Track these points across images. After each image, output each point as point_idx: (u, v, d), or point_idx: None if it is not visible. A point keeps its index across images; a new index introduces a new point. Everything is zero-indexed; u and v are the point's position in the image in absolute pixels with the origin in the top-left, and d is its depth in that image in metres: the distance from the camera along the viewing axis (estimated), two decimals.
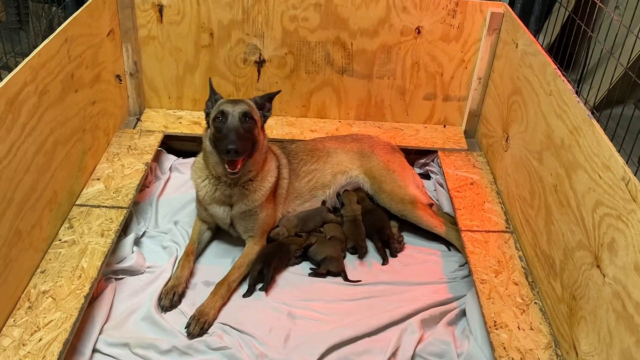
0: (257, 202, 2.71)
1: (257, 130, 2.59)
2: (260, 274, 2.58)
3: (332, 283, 2.68)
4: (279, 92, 2.76)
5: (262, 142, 2.66)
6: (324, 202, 3.10)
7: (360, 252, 2.84)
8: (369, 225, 2.93)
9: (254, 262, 2.61)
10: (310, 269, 2.74)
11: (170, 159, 3.50)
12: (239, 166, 2.48)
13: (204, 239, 2.85)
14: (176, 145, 3.63)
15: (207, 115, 2.60)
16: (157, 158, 3.41)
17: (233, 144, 2.37)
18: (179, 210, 3.11)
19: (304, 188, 3.04)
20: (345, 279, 2.69)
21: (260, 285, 2.59)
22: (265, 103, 2.71)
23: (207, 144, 2.58)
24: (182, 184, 3.27)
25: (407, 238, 3.03)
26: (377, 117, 3.71)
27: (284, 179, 2.93)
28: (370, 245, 2.91)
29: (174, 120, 3.58)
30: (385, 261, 2.80)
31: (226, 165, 2.48)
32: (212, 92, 2.65)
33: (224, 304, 2.49)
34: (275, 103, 3.62)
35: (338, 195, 3.11)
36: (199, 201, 2.80)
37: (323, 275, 2.69)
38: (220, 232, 2.92)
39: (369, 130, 3.62)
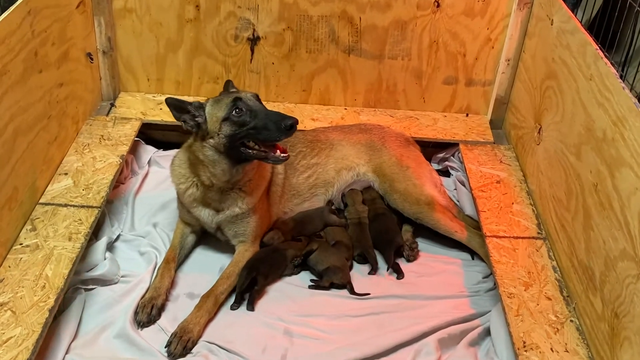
0: (252, 205, 2.72)
1: None
2: (252, 283, 2.58)
3: (335, 296, 2.67)
4: (229, 81, 2.77)
5: None
6: (330, 203, 3.09)
7: (372, 263, 2.83)
8: (375, 233, 2.91)
9: (242, 268, 2.62)
10: (311, 280, 2.73)
11: (149, 151, 3.50)
12: (287, 149, 2.49)
13: (187, 243, 2.85)
14: (156, 135, 3.62)
15: (199, 125, 2.53)
16: (134, 150, 3.41)
17: (288, 117, 2.37)
18: (158, 210, 3.11)
19: (303, 185, 3.04)
20: (352, 291, 2.69)
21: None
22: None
23: (207, 154, 2.55)
24: (163, 180, 3.26)
25: (423, 245, 3.03)
26: (388, 104, 3.70)
27: (279, 174, 2.93)
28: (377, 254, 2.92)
29: (154, 106, 3.57)
30: (400, 275, 2.80)
31: (276, 152, 2.45)
32: (182, 103, 2.54)
33: (210, 320, 2.48)
34: (271, 87, 3.68)
35: (344, 196, 3.11)
36: (181, 202, 2.81)
37: (326, 288, 2.69)
38: (206, 236, 2.91)
39: (379, 119, 3.62)
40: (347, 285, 2.70)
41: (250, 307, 2.55)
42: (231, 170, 2.58)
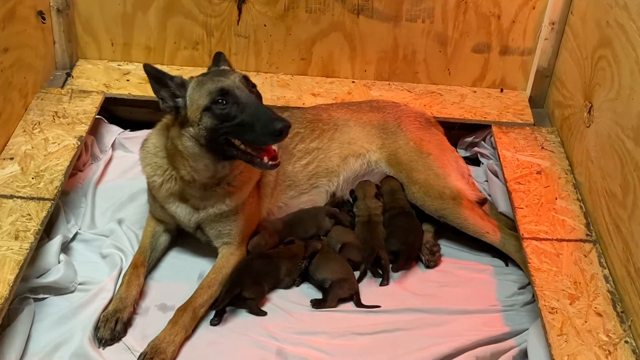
0: (240, 201, 2.72)
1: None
2: (237, 298, 2.58)
3: (339, 310, 2.67)
4: (220, 53, 2.75)
5: None
6: (333, 196, 3.08)
7: (383, 270, 2.82)
8: (396, 237, 2.88)
9: (223, 282, 2.61)
10: (312, 300, 2.68)
11: (113, 132, 3.49)
12: (279, 154, 2.50)
13: (159, 245, 2.85)
14: (122, 112, 3.60)
15: (178, 109, 2.54)
16: (94, 130, 3.39)
17: (279, 120, 2.37)
18: (124, 203, 3.10)
19: (301, 174, 3.04)
20: (359, 303, 2.69)
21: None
22: (230, 67, 2.73)
23: (187, 145, 2.55)
24: (130, 166, 3.25)
25: (446, 248, 3.02)
26: (406, 77, 3.69)
27: None
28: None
29: (119, 76, 3.56)
30: (383, 281, 2.77)
31: (264, 159, 2.47)
32: (162, 75, 2.53)
33: (187, 338, 2.48)
34: (262, 54, 3.66)
35: (352, 192, 3.11)
36: (153, 195, 2.80)
37: (332, 306, 2.67)
38: (182, 236, 2.91)
39: (394, 95, 3.60)
40: (353, 295, 2.70)
41: (217, 320, 2.55)
42: (215, 166, 2.58)
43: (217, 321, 2.56)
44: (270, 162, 2.48)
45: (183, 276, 2.78)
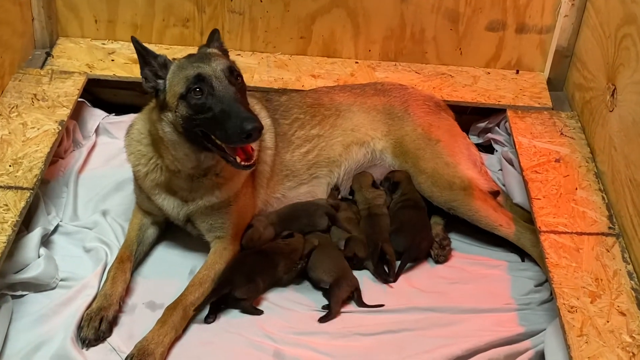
0: (232, 192, 2.72)
1: (246, 86, 2.60)
2: (229, 298, 2.57)
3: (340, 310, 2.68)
4: (215, 30, 2.74)
5: None
6: (335, 189, 3.08)
7: (388, 266, 2.83)
8: (402, 235, 2.89)
9: (214, 280, 2.60)
10: (320, 320, 2.61)
11: (96, 116, 3.49)
12: (255, 154, 2.50)
13: (147, 238, 2.86)
14: (106, 94, 3.60)
15: (158, 91, 2.55)
16: (77, 114, 3.40)
17: (250, 120, 2.35)
18: (109, 193, 3.10)
19: (299, 163, 3.04)
20: (360, 301, 2.68)
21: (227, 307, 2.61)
22: (223, 48, 2.71)
23: (166, 130, 2.56)
24: (115, 153, 3.25)
25: (457, 242, 3.02)
26: (414, 57, 3.69)
27: (268, 150, 2.93)
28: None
29: (103, 56, 3.56)
30: (389, 278, 2.77)
31: (236, 158, 2.47)
32: (146, 52, 2.55)
33: (177, 338, 2.48)
34: (258, 32, 3.65)
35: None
36: (139, 186, 2.80)
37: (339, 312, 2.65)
38: (171, 229, 2.91)
39: (401, 76, 3.60)
40: (353, 293, 2.69)
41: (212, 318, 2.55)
42: (197, 156, 2.58)
43: (212, 319, 2.56)
44: (243, 163, 2.48)
45: (173, 272, 2.77)
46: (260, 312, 2.61)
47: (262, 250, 2.74)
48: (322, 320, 2.61)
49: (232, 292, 2.57)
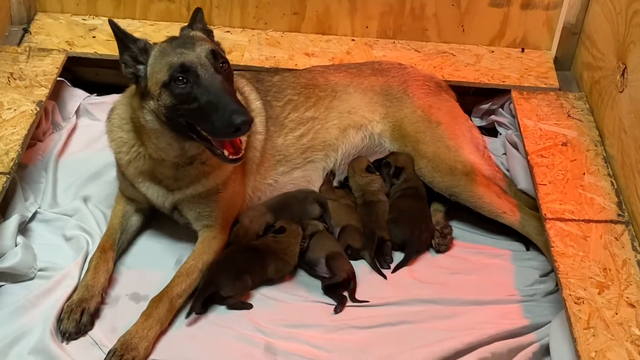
0: (220, 180, 2.72)
1: (232, 73, 2.58)
2: (215, 296, 2.57)
3: (335, 301, 2.68)
4: (198, 9, 2.71)
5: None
6: (332, 175, 3.08)
7: (386, 251, 2.85)
8: (400, 226, 2.89)
9: (204, 273, 2.60)
10: (336, 309, 2.62)
11: (77, 97, 3.49)
12: (243, 146, 2.49)
13: (130, 226, 2.86)
14: (87, 74, 3.59)
15: (138, 78, 2.53)
16: (56, 94, 3.39)
17: (240, 113, 2.33)
18: (90, 179, 3.10)
19: (293, 148, 3.04)
20: (352, 295, 2.68)
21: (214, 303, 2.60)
22: (207, 29, 2.69)
23: (147, 119, 2.54)
24: (97, 136, 3.24)
25: (459, 230, 3.03)
26: (413, 34, 3.69)
27: (258, 134, 2.93)
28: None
29: (84, 32, 3.55)
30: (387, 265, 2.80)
31: (224, 152, 2.46)
32: (125, 36, 2.52)
33: (162, 332, 2.49)
34: (248, 8, 3.62)
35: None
36: (123, 173, 2.79)
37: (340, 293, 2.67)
38: (157, 216, 2.91)
39: (400, 55, 3.60)
40: (350, 280, 2.68)
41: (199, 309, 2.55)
42: (181, 145, 2.57)
43: (199, 309, 2.55)
44: (230, 157, 2.46)
45: (158, 262, 2.78)
46: (249, 307, 2.61)
47: (253, 247, 2.73)
48: (337, 310, 2.62)
49: (217, 291, 2.57)
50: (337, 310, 2.63)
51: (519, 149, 3.27)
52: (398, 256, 2.88)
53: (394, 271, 2.82)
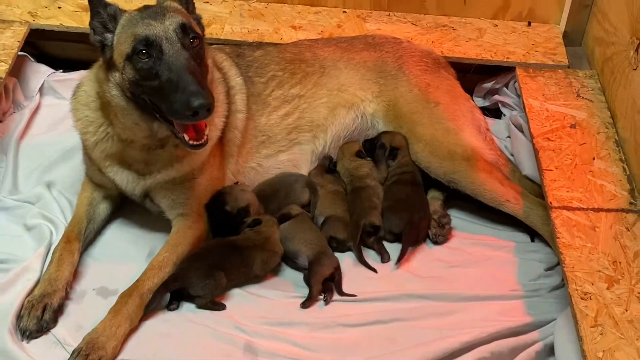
0: (195, 165, 2.72)
1: (204, 51, 2.56)
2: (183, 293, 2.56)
3: (321, 297, 2.67)
4: None
5: (210, 67, 2.62)
6: (328, 159, 3.10)
7: (379, 248, 2.85)
8: (396, 214, 2.89)
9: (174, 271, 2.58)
10: (303, 304, 2.63)
11: (41, 73, 3.49)
12: (206, 131, 2.47)
13: (98, 214, 2.85)
14: (52, 48, 3.61)
15: (104, 47, 2.53)
16: (17, 70, 3.39)
17: (199, 95, 2.31)
18: (55, 163, 3.11)
19: (277, 128, 3.04)
20: (338, 287, 2.68)
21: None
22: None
23: (113, 93, 2.53)
24: (62, 117, 3.22)
25: (458, 220, 3.04)
26: (410, 6, 3.69)
27: (239, 113, 2.92)
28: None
29: (48, 2, 3.54)
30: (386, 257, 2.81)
31: (184, 136, 2.45)
32: (97, 0, 2.50)
33: (132, 330, 2.49)
34: None
35: None
36: (90, 156, 2.78)
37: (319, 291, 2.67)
38: (127, 203, 2.91)
39: (395, 28, 3.60)
40: (334, 274, 2.69)
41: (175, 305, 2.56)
42: (149, 126, 2.55)
43: (175, 305, 2.55)
44: (191, 142, 2.45)
45: (128, 254, 2.78)
46: (222, 307, 2.58)
47: (230, 243, 2.71)
48: (304, 305, 2.62)
49: (185, 288, 2.55)
50: (303, 305, 2.63)
51: (524, 132, 3.27)
52: (392, 248, 2.88)
53: (398, 261, 2.82)
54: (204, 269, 2.57)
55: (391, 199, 2.95)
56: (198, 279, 2.55)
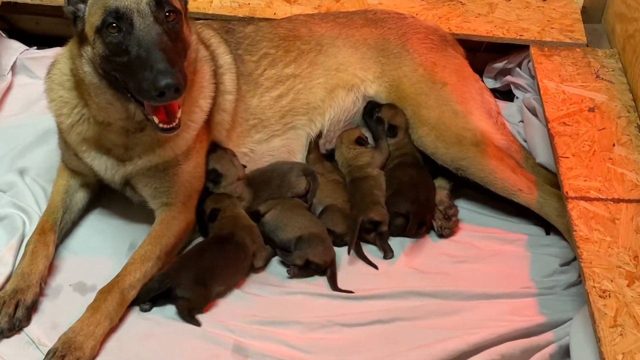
0: (180, 150, 2.71)
1: (185, 26, 2.54)
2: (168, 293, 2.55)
3: (317, 293, 2.69)
4: None
5: (192, 44, 2.61)
6: (316, 142, 3.10)
7: (381, 245, 2.85)
8: (402, 195, 2.90)
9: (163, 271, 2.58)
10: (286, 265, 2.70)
11: (13, 50, 3.50)
12: (178, 114, 2.45)
13: (75, 203, 2.85)
14: (25, 22, 3.62)
15: (76, 19, 2.52)
16: None
17: (167, 74, 2.29)
18: (29, 148, 3.11)
19: (270, 111, 3.04)
20: (334, 282, 2.69)
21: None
22: None
23: (85, 70, 2.52)
24: (37, 97, 3.21)
25: (465, 211, 3.04)
26: None
27: (228, 94, 2.92)
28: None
29: None
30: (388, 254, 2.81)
31: (154, 118, 2.44)
32: None
33: (112, 329, 2.49)
34: None
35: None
36: (65, 140, 2.77)
37: (301, 273, 2.69)
38: (106, 192, 2.91)
39: (398, 2, 3.60)
40: (327, 269, 2.70)
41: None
42: (125, 106, 2.54)
43: (148, 307, 2.55)
44: (161, 125, 2.43)
45: (108, 246, 2.78)
46: (196, 324, 2.53)
47: (217, 239, 2.72)
48: (290, 272, 2.68)
49: (172, 288, 2.55)
50: (290, 272, 2.68)
51: (538, 116, 3.27)
52: (395, 245, 2.89)
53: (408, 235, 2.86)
54: (197, 273, 2.57)
55: (395, 184, 2.96)
56: (190, 282, 2.55)
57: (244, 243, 2.70)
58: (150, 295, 2.55)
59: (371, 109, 3.09)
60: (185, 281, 2.56)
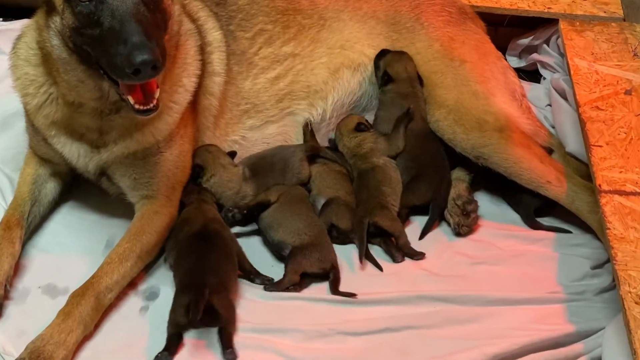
0: (161, 135, 2.71)
1: None
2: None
3: (318, 298, 2.69)
4: None
5: (174, 15, 2.60)
6: (311, 128, 3.12)
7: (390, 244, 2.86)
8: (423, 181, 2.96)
9: (178, 289, 2.55)
10: (266, 284, 2.68)
11: None
12: (156, 94, 2.43)
13: (44, 195, 2.86)
14: None
15: None
16: None
17: (143, 49, 2.27)
18: None
19: (266, 94, 3.06)
20: (334, 287, 2.70)
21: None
22: None
23: (53, 43, 2.52)
24: (2, 76, 3.21)
25: (486, 206, 3.05)
26: None
27: (216, 76, 2.93)
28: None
29: None
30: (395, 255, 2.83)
31: (129, 98, 2.42)
32: None
33: (87, 337, 2.49)
34: None
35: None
36: (32, 123, 2.77)
37: (301, 285, 2.70)
38: (80, 182, 2.91)
39: None
40: (329, 272, 2.71)
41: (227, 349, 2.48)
42: (97, 84, 2.53)
43: (170, 354, 2.47)
44: (137, 106, 2.42)
45: (82, 244, 2.79)
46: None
47: (217, 238, 2.71)
48: (267, 287, 2.67)
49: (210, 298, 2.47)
50: (266, 286, 2.68)
51: (568, 99, 3.28)
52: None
53: (421, 238, 2.89)
54: (216, 274, 2.58)
55: (416, 168, 3.01)
56: (216, 286, 2.52)
57: (218, 231, 2.71)
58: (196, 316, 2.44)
59: (378, 55, 3.12)
60: (216, 298, 2.49)
